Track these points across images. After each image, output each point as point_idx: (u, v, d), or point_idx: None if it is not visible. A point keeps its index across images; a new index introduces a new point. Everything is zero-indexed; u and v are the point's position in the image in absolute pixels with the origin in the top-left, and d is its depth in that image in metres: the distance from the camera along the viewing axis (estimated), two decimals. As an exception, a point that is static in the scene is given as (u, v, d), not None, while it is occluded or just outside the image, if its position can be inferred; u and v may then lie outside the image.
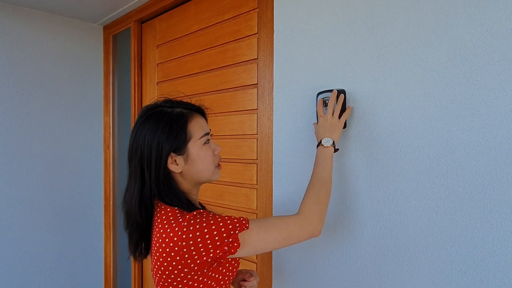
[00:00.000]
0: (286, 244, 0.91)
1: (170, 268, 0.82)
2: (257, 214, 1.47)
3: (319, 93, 1.15)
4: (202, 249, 0.80)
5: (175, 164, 0.90)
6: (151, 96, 2.05)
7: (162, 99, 0.97)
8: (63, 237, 2.25)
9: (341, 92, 1.10)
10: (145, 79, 2.10)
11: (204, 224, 0.81)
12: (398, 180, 1.02)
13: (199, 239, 0.80)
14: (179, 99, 0.98)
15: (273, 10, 1.35)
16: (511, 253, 0.84)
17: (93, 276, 2.40)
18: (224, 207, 1.61)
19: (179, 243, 0.80)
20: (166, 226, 0.84)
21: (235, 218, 0.85)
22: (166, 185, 0.90)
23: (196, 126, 0.92)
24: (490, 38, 0.85)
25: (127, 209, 0.93)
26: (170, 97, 0.98)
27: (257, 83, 1.45)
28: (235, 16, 1.54)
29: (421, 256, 0.98)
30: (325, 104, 1.13)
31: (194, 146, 0.91)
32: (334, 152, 1.05)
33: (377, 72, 1.05)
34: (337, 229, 1.16)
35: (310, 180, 1.02)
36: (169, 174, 0.91)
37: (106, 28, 2.38)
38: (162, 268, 0.84)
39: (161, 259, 0.83)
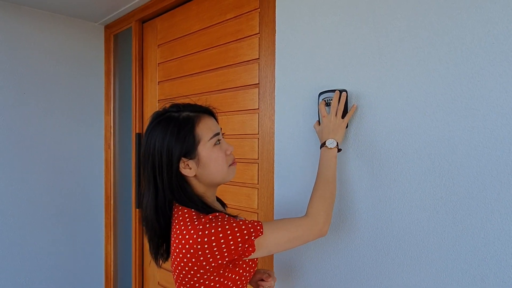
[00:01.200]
0: (297, 245, 0.94)
1: (187, 268, 0.84)
2: (258, 213, 1.47)
3: (321, 93, 1.15)
4: (217, 253, 0.82)
5: (188, 168, 0.91)
6: (152, 95, 2.05)
7: (169, 104, 0.97)
8: (63, 236, 2.25)
9: (342, 91, 1.10)
10: (146, 79, 2.11)
11: (220, 229, 0.82)
12: (399, 180, 1.02)
13: (214, 243, 0.81)
14: (187, 101, 0.99)
15: (275, 10, 1.36)
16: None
17: (93, 275, 2.40)
18: (225, 207, 1.61)
19: (195, 246, 0.81)
20: (183, 227, 0.85)
21: (249, 223, 0.86)
22: (180, 190, 0.91)
23: (204, 129, 0.92)
24: (492, 38, 0.86)
25: (145, 216, 0.95)
26: (176, 102, 0.98)
27: (258, 83, 1.45)
28: (237, 16, 1.54)
29: (422, 256, 0.98)
30: (327, 104, 1.13)
31: (204, 149, 0.91)
32: (338, 152, 1.06)
33: (378, 72, 1.06)
34: (338, 229, 1.16)
35: (315, 182, 1.04)
36: (183, 179, 0.92)
37: (107, 27, 2.38)
38: (179, 268, 0.85)
39: (178, 260, 0.85)
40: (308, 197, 1.16)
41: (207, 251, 0.81)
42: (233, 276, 0.88)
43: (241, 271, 0.90)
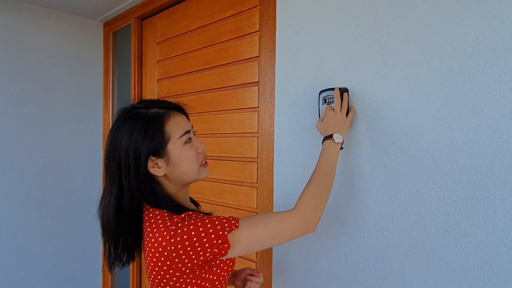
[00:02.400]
0: (281, 240, 0.87)
1: (162, 272, 0.80)
2: (257, 213, 1.46)
3: (321, 91, 1.14)
4: (191, 253, 0.78)
5: (157, 168, 0.86)
6: (151, 93, 2.04)
7: (137, 100, 0.93)
8: (61, 236, 2.24)
9: (344, 90, 1.09)
10: (145, 77, 2.09)
11: (192, 227, 0.78)
12: (401, 180, 1.01)
13: (187, 243, 0.77)
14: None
15: (275, 8, 1.34)
16: (515, 254, 0.83)
17: (91, 274, 2.39)
18: (224, 206, 1.60)
19: (168, 248, 0.78)
20: (155, 230, 0.81)
21: (224, 218, 0.82)
22: (149, 190, 0.86)
23: (174, 126, 0.87)
24: (496, 36, 0.84)
25: (102, 217, 0.89)
26: (145, 98, 0.95)
27: (258, 81, 1.44)
28: (237, 14, 1.53)
29: (424, 256, 0.97)
30: (327, 102, 1.12)
31: (174, 147, 0.87)
32: (340, 149, 1.03)
33: (380, 70, 1.04)
34: (339, 228, 1.15)
35: (312, 174, 0.98)
36: (152, 179, 0.87)
37: (106, 24, 2.36)
38: (154, 272, 0.82)
39: (152, 263, 0.81)
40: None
41: (181, 252, 0.77)
42: (211, 276, 0.84)
43: (218, 271, 0.86)
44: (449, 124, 0.92)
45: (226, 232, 0.80)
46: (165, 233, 0.79)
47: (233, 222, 0.82)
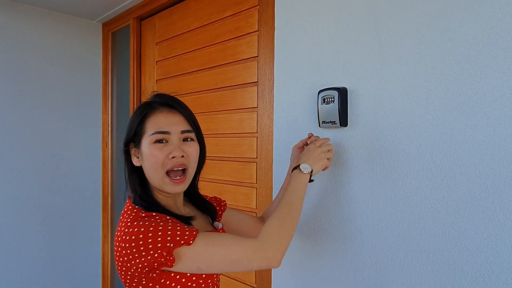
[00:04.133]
0: (236, 269, 0.82)
1: (118, 268, 0.81)
2: (256, 213, 1.46)
3: (320, 91, 1.14)
4: (136, 255, 0.75)
5: (136, 157, 0.90)
6: (150, 94, 2.03)
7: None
8: (60, 236, 2.23)
9: (342, 89, 1.09)
10: (144, 77, 2.09)
11: (143, 229, 0.75)
12: (400, 179, 1.00)
13: (133, 244, 0.75)
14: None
15: (274, 7, 1.34)
16: (514, 254, 0.82)
17: (91, 274, 2.38)
18: (223, 206, 1.59)
19: (122, 244, 0.77)
20: (120, 220, 0.84)
21: (183, 229, 0.77)
22: (135, 177, 0.90)
23: (152, 122, 0.87)
24: (495, 35, 0.84)
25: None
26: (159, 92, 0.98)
27: (257, 81, 1.44)
28: (236, 13, 1.52)
29: (423, 257, 0.96)
30: (326, 102, 1.11)
31: (145, 142, 0.86)
32: (309, 182, 0.98)
33: (379, 69, 1.04)
34: (338, 228, 1.15)
35: (278, 205, 0.92)
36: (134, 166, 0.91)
37: (105, 25, 2.36)
38: (118, 268, 0.82)
39: (116, 256, 0.82)
40: (308, 196, 1.15)
41: (128, 251, 0.75)
42: (173, 284, 0.79)
43: (183, 280, 0.80)
44: (448, 123, 0.91)
45: (172, 245, 0.75)
46: (122, 227, 0.80)
47: (186, 237, 0.76)
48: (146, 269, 0.76)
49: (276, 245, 0.82)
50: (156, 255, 0.74)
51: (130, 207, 0.86)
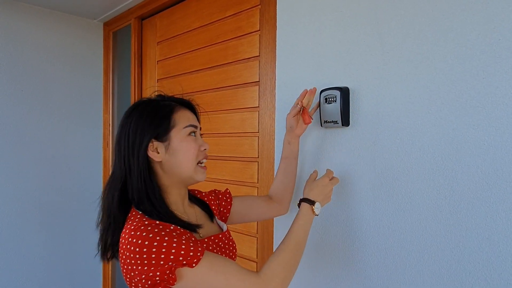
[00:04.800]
0: None
1: (124, 271, 0.78)
2: (257, 213, 1.46)
3: (322, 91, 1.14)
4: (139, 267, 0.73)
5: (156, 152, 0.85)
6: (151, 93, 2.03)
7: (156, 93, 0.96)
8: (60, 236, 2.23)
9: (344, 89, 1.09)
10: (145, 76, 2.09)
11: (147, 242, 0.72)
12: (402, 179, 1.00)
13: (137, 256, 0.73)
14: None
15: (275, 7, 1.34)
16: (517, 254, 0.82)
17: (91, 274, 2.38)
18: (224, 206, 1.59)
19: (125, 253, 0.75)
20: (125, 229, 0.79)
21: (190, 247, 0.74)
22: (146, 174, 0.84)
23: (182, 116, 0.89)
24: (498, 35, 0.84)
25: (107, 203, 0.87)
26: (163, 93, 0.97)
27: (258, 81, 1.43)
28: (237, 13, 1.52)
29: (425, 256, 0.96)
30: (327, 101, 1.11)
31: (177, 135, 0.86)
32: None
33: (381, 69, 1.04)
34: (340, 228, 1.15)
35: (284, 239, 0.90)
36: (148, 164, 0.85)
37: (106, 24, 2.36)
38: (121, 270, 0.80)
39: (121, 261, 0.79)
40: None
41: (132, 261, 0.74)
42: None
43: None
44: (451, 123, 0.91)
45: (175, 265, 0.73)
46: (127, 236, 0.76)
47: (189, 258, 0.74)
48: (149, 282, 0.75)
49: (278, 283, 0.81)
50: (158, 273, 0.73)
51: (133, 213, 0.83)
